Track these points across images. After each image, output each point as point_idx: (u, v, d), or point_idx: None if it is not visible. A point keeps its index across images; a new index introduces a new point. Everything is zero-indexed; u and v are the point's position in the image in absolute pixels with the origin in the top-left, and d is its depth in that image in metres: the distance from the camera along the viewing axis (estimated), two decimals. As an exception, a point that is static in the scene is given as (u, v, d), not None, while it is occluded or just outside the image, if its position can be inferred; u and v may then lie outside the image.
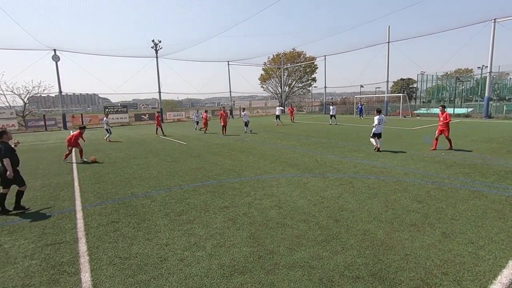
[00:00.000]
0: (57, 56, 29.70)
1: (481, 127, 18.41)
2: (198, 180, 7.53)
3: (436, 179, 6.93)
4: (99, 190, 7.03)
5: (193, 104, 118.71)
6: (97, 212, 5.53)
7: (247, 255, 3.76)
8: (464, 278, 3.13)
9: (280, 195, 6.08)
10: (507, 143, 11.80)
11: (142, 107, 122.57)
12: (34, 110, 45.76)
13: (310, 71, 51.04)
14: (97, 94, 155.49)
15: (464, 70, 57.38)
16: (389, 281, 3.12)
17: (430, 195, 5.79)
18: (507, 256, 3.54)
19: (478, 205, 5.22)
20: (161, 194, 6.51)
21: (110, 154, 12.24)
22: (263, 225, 4.65)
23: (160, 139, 17.46)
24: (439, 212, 4.95)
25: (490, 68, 25.29)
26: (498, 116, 25.74)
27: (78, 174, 8.77)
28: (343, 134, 16.50)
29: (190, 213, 5.28)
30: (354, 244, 3.93)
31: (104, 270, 3.56)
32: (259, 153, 11.20)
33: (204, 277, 3.32)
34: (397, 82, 59.08)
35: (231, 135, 17.66)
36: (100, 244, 4.24)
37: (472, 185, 6.41)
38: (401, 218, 4.74)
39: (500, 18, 24.19)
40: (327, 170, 8.13)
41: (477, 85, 40.29)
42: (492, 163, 8.38)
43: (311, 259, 3.61)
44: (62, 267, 3.66)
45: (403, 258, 3.55)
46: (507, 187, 6.19)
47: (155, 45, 34.83)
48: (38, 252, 4.07)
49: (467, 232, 4.20)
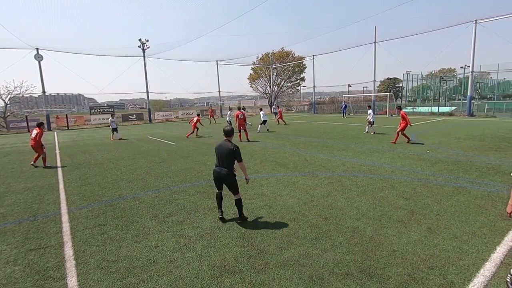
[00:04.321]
0: (40, 55, 28.83)
1: (464, 125, 18.98)
2: (187, 181, 7.46)
3: (421, 176, 7.10)
4: (85, 192, 6.87)
5: (182, 104, 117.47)
6: (83, 215, 5.40)
7: (237, 255, 3.75)
8: (449, 272, 3.23)
9: (270, 195, 6.09)
10: (488, 140, 12.21)
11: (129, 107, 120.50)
12: (16, 111, 44.32)
13: (299, 70, 51.30)
14: (82, 94, 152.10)
15: (447, 70, 58.88)
16: (378, 277, 3.17)
17: (416, 192, 5.93)
18: (489, 249, 3.66)
19: (462, 200, 5.38)
20: (150, 195, 6.42)
21: (96, 156, 11.98)
22: (253, 225, 4.65)
23: (148, 139, 17.22)
24: (425, 208, 5.07)
25: (472, 68, 26.07)
26: (480, 114, 26.61)
27: (63, 177, 8.54)
28: (331, 133, 16.68)
29: (180, 214, 5.23)
30: (343, 242, 3.99)
31: (92, 274, 3.48)
32: (249, 152, 11.19)
33: (195, 279, 3.29)
34: (384, 81, 60.11)
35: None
36: (87, 247, 4.14)
37: (456, 181, 6.60)
38: (389, 215, 4.84)
39: (481, 19, 24.99)
40: (317, 169, 8.21)
41: (460, 84, 41.46)
42: (475, 160, 8.65)
43: (301, 257, 3.64)
44: (47, 272, 3.56)
45: (391, 254, 3.62)
46: (489, 183, 6.40)
47: (142, 45, 34.34)
48: (22, 258, 3.94)
49: (452, 227, 4.32)
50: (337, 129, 18.93)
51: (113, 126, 18.16)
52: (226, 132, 4.74)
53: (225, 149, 4.60)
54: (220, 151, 4.65)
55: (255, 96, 59.50)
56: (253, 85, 53.44)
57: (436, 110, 29.56)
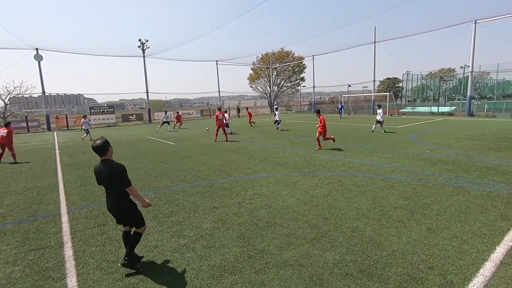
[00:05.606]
0: (40, 55, 28.82)
1: (464, 125, 18.99)
2: (187, 181, 7.46)
3: (421, 176, 7.10)
4: (85, 192, 6.87)
5: (182, 104, 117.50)
6: (83, 215, 5.40)
7: (237, 255, 3.75)
8: (448, 272, 3.23)
9: (270, 195, 6.09)
10: (488, 140, 12.21)
11: (129, 107, 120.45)
12: (16, 111, 44.27)
13: (298, 70, 51.33)
14: (82, 95, 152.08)
15: (447, 70, 58.92)
16: (377, 277, 3.17)
17: (416, 192, 5.93)
18: (489, 249, 3.66)
19: (462, 200, 5.38)
20: (150, 195, 6.42)
21: (96, 156, 11.90)
22: (253, 225, 4.65)
23: (147, 139, 17.22)
24: (425, 208, 5.07)
25: (472, 68, 26.09)
26: (479, 114, 26.62)
27: (63, 177, 8.54)
28: (331, 133, 16.67)
29: (179, 214, 5.22)
30: (343, 242, 3.99)
31: (91, 274, 3.48)
32: (249, 152, 11.19)
33: (194, 279, 3.29)
34: (384, 81, 60.15)
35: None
36: (87, 248, 4.14)
37: (455, 181, 6.60)
38: (388, 215, 4.84)
39: (480, 19, 25.00)
40: (316, 169, 8.21)
41: (459, 84, 41.50)
42: (475, 159, 8.65)
43: (301, 257, 3.64)
44: (47, 272, 3.56)
45: (391, 254, 3.62)
46: (489, 182, 6.40)
47: (142, 45, 34.33)
48: (21, 258, 3.94)
49: (451, 227, 4.32)
50: (337, 129, 18.92)
51: (85, 126, 18.77)
52: (96, 149, 3.41)
53: (104, 172, 3.39)
54: (100, 176, 3.45)
55: (255, 96, 59.41)
56: (253, 85, 53.49)
57: (436, 110, 29.57)
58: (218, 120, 14.74)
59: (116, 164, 3.41)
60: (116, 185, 3.40)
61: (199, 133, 19.60)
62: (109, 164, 3.40)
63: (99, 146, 3.40)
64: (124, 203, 3.46)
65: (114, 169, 3.36)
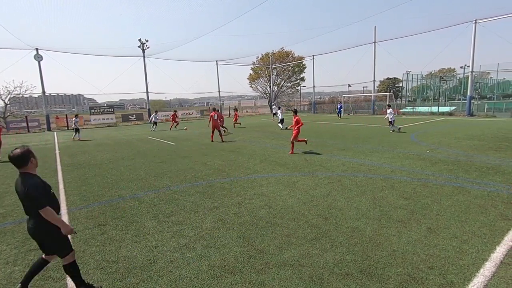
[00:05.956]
0: (40, 55, 28.82)
1: (464, 125, 18.99)
2: (187, 181, 7.46)
3: (421, 176, 7.10)
4: (85, 192, 6.87)
5: (182, 104, 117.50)
6: (83, 215, 5.40)
7: (237, 255, 3.75)
8: (449, 272, 3.22)
9: (270, 195, 6.09)
10: (488, 140, 12.21)
11: (129, 107, 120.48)
12: (16, 111, 44.28)
13: (298, 70, 51.33)
14: (82, 95, 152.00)
15: (447, 70, 58.92)
16: (378, 277, 3.17)
17: (416, 192, 5.93)
18: (489, 249, 3.66)
19: (462, 200, 5.38)
20: (150, 195, 6.42)
21: (96, 156, 11.98)
22: (253, 225, 4.65)
23: (147, 139, 17.22)
24: (425, 208, 5.07)
25: (472, 68, 26.10)
26: (479, 114, 26.62)
27: (63, 177, 8.54)
28: (330, 133, 16.69)
29: (180, 214, 5.22)
30: (343, 242, 3.99)
31: (91, 274, 3.48)
32: (249, 152, 11.19)
33: (194, 279, 3.29)
34: (384, 81, 60.15)
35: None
36: (87, 248, 4.14)
37: (455, 181, 6.60)
38: (389, 214, 4.84)
39: (480, 19, 25.00)
40: (316, 169, 8.21)
41: (459, 84, 41.48)
42: (475, 159, 8.65)
43: (301, 257, 3.64)
44: (47, 272, 3.56)
45: (391, 254, 3.62)
46: (489, 182, 6.40)
47: (142, 45, 34.32)
48: (21, 258, 3.94)
49: (451, 227, 4.32)
50: (337, 129, 18.93)
51: (75, 126, 18.84)
52: (13, 160, 2.77)
53: (18, 190, 2.79)
54: (17, 192, 2.83)
55: (255, 96, 59.51)
56: (253, 85, 53.48)
57: (436, 110, 29.58)
58: (213, 121, 14.87)
59: (34, 180, 2.77)
60: (31, 205, 2.75)
61: (199, 133, 19.61)
62: (26, 180, 2.74)
63: (16, 156, 2.75)
64: (41, 228, 2.78)
65: (29, 186, 2.69)
